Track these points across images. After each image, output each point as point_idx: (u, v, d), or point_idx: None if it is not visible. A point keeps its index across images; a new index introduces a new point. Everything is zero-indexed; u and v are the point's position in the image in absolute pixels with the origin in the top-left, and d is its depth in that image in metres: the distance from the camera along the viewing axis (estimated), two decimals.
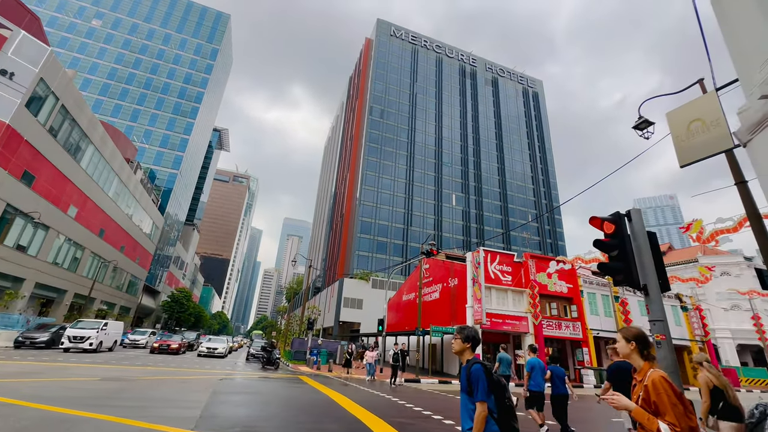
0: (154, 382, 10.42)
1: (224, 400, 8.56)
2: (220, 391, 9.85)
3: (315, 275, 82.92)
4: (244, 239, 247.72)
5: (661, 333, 3.75)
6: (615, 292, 28.82)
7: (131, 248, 47.38)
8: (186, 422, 5.95)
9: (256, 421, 6.63)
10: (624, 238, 4.06)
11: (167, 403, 7.41)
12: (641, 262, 3.96)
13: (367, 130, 69.10)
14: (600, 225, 4.25)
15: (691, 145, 4.85)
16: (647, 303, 3.92)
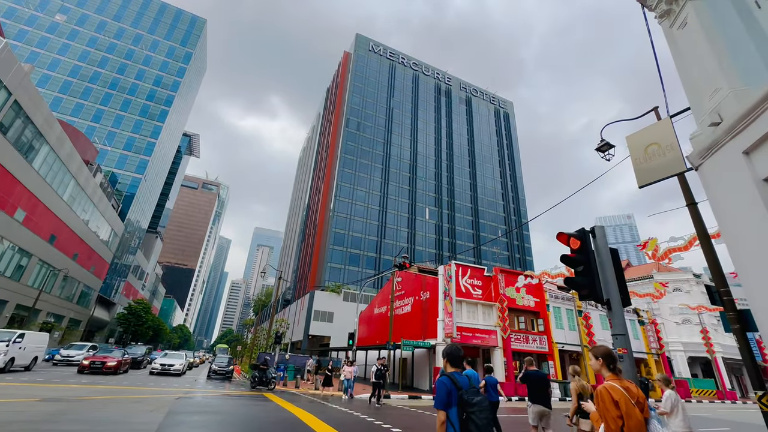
0: (101, 402, 9.57)
1: (180, 421, 7.98)
2: (177, 411, 9.19)
3: (285, 287, 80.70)
4: (211, 249, 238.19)
5: (623, 347, 3.86)
6: (579, 307, 29.91)
7: (85, 256, 44.27)
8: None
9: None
10: (589, 254, 4.19)
11: (115, 426, 6.79)
12: (604, 277, 4.09)
13: (343, 141, 69.19)
14: (567, 241, 4.38)
15: (648, 167, 5.14)
16: (609, 317, 4.03)
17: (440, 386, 2.99)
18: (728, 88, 3.36)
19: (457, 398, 2.94)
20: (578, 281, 4.19)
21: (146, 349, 31.18)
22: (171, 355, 24.36)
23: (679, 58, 4.49)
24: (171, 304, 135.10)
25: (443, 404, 2.93)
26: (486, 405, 2.93)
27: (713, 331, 38.18)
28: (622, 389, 2.78)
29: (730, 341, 39.60)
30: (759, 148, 3.20)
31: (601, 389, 2.79)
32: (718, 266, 7.19)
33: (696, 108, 3.96)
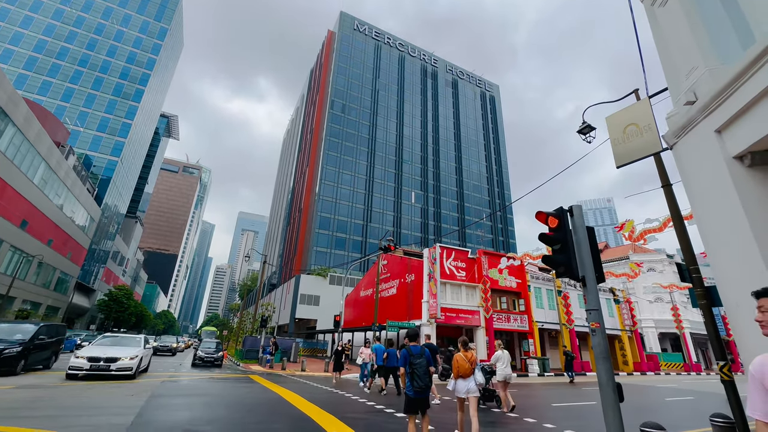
0: (80, 388, 9.43)
1: (163, 404, 7.95)
2: (160, 395, 9.14)
3: (270, 271, 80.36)
4: (194, 234, 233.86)
5: (596, 321, 3.98)
6: (558, 287, 30.88)
7: (61, 242, 42.78)
8: (114, 430, 5.41)
9: (196, 424, 6.20)
10: (566, 232, 4.25)
11: (94, 411, 6.71)
12: (580, 255, 4.17)
13: (327, 124, 67.97)
14: (545, 219, 4.43)
15: (626, 148, 5.21)
16: (584, 293, 4.14)
17: (402, 354, 5.54)
18: (704, 66, 3.39)
19: (407, 359, 5.39)
20: (555, 259, 4.26)
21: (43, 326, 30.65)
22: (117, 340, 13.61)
23: (659, 37, 4.49)
24: (154, 290, 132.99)
25: (404, 363, 5.45)
26: (423, 363, 5.32)
27: (683, 309, 40.18)
28: (462, 356, 6.20)
29: (697, 318, 41.80)
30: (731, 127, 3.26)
31: (455, 356, 6.30)
32: (689, 246, 7.46)
33: (673, 87, 4.00)
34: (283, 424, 6.53)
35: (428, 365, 5.30)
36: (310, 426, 6.51)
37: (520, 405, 10.55)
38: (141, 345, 13.14)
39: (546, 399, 12.49)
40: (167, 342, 30.75)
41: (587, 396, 13.74)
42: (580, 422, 8.05)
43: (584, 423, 8.06)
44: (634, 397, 14.06)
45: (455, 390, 6.18)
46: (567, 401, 11.91)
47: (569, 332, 29.24)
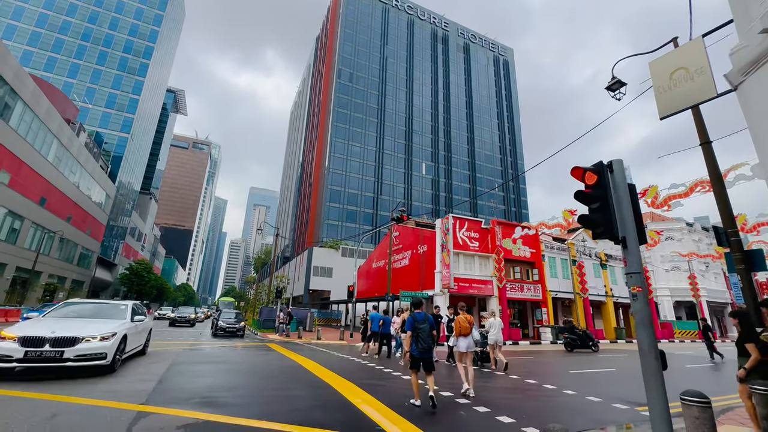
0: None
1: (184, 371, 8.10)
2: (181, 362, 9.35)
3: (283, 245, 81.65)
4: (207, 209, 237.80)
5: (638, 285, 3.66)
6: (573, 256, 30.49)
7: (80, 219, 43.81)
8: (137, 396, 5.47)
9: (217, 390, 6.26)
10: (606, 189, 3.85)
11: (118, 377, 6.83)
12: (621, 214, 3.79)
13: (335, 94, 66.26)
14: (581, 176, 4.02)
15: (672, 96, 4.66)
16: (625, 256, 3.79)
17: (408, 319, 6.15)
18: None
19: (413, 324, 6.02)
20: (593, 218, 3.89)
21: None
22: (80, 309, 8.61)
23: None
24: (172, 264, 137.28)
25: (409, 328, 6.05)
26: (426, 327, 6.01)
27: (700, 277, 39.50)
28: (463, 318, 7.36)
29: (714, 286, 41.16)
30: None
31: (457, 318, 7.48)
32: (729, 208, 6.96)
33: (741, 17, 3.42)
34: (302, 391, 6.55)
35: (431, 330, 6.06)
36: (328, 393, 6.52)
37: (538, 372, 10.52)
38: (125, 316, 8.42)
39: (562, 366, 12.46)
40: (185, 313, 29.34)
41: (603, 363, 13.69)
42: (599, 389, 7.93)
43: (604, 389, 7.93)
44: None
45: (458, 346, 7.49)
46: (584, 368, 11.85)
47: (583, 301, 29.13)
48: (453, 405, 5.98)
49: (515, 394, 7.20)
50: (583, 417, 5.62)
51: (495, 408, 5.78)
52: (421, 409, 5.60)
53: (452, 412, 5.51)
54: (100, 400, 5.07)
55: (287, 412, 5.10)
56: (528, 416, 5.40)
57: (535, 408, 6.08)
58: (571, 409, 6.06)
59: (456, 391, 7.00)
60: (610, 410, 6.10)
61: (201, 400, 5.48)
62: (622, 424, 5.31)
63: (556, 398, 6.86)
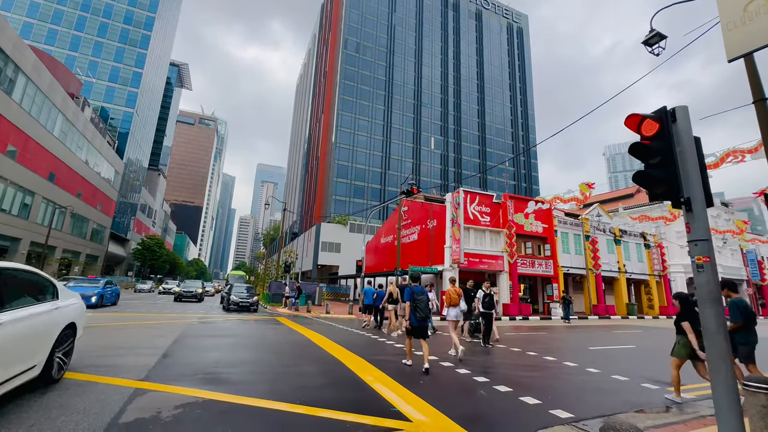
0: (113, 329, 9.59)
1: (190, 345, 7.89)
2: (188, 335, 9.18)
3: (291, 221, 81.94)
4: (216, 186, 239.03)
5: (705, 255, 3.08)
6: (587, 232, 29.73)
7: (90, 194, 44.05)
8: (138, 371, 5.19)
9: (222, 366, 5.98)
10: (669, 140, 3.21)
11: (121, 351, 6.62)
12: (685, 170, 3.17)
13: (342, 66, 64.13)
14: (637, 125, 3.37)
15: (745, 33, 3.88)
16: (688, 220, 3.20)
17: (407, 291, 6.62)
18: None
19: (411, 296, 6.47)
20: (653, 175, 3.27)
21: None
22: None
23: None
24: (183, 239, 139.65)
25: (408, 299, 6.49)
26: (424, 299, 6.50)
27: (717, 254, 38.54)
28: (452, 289, 8.46)
29: (730, 262, 40.20)
30: None
31: (447, 290, 8.59)
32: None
33: None
34: (311, 367, 6.25)
35: (428, 301, 6.71)
36: (339, 369, 6.21)
37: (556, 348, 10.18)
38: None
39: (579, 342, 12.10)
40: (191, 287, 27.01)
41: (621, 339, 13.31)
42: (623, 367, 7.52)
43: (628, 367, 7.52)
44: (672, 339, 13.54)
45: (448, 315, 8.54)
46: (602, 344, 11.49)
47: (595, 277, 28.62)
48: (472, 384, 5.61)
49: (536, 372, 6.83)
50: (614, 398, 5.21)
51: (517, 387, 5.40)
52: (433, 384, 5.25)
53: (472, 392, 5.14)
54: (96, 376, 4.79)
55: (296, 390, 4.77)
56: (554, 397, 5.01)
57: (560, 388, 5.69)
58: (599, 390, 5.66)
59: (474, 368, 6.65)
60: (640, 391, 5.68)
61: (205, 377, 5.18)
62: (662, 407, 4.88)
63: (580, 377, 6.47)
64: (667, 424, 4.19)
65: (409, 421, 3.84)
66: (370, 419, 3.82)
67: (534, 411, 4.42)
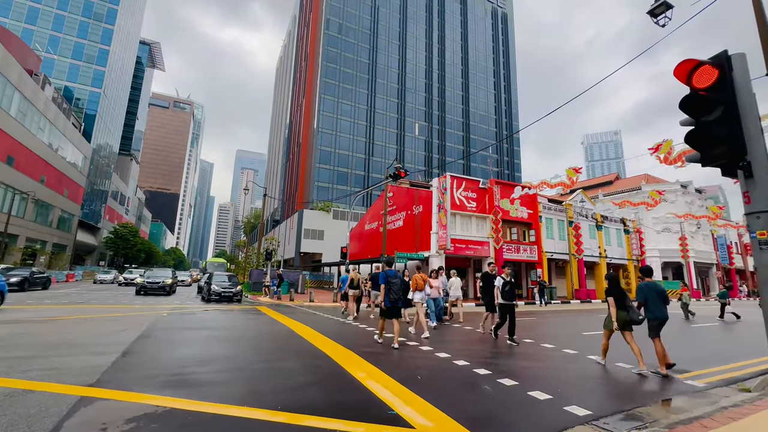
0: (69, 323, 8.64)
1: (157, 340, 7.09)
2: (158, 328, 8.36)
3: (273, 208, 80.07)
4: (193, 172, 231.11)
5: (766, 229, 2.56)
6: (570, 218, 29.96)
7: (55, 180, 41.29)
8: (88, 374, 4.42)
9: (192, 365, 5.26)
10: (732, 91, 2.64)
11: (73, 350, 5.79)
12: (746, 128, 2.62)
13: (323, 48, 61.91)
14: (688, 74, 2.78)
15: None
16: (748, 188, 2.67)
17: (381, 275, 7.35)
18: None
19: (386, 279, 7.06)
20: (712, 133, 2.71)
21: None
22: None
23: None
24: (160, 228, 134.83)
25: (383, 282, 7.10)
26: (398, 282, 7.09)
27: (690, 239, 39.91)
28: (419, 276, 9.08)
29: (702, 247, 41.70)
30: None
31: (414, 276, 9.16)
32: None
33: None
34: (295, 362, 5.61)
35: (401, 285, 7.16)
36: (326, 364, 5.59)
37: (550, 335, 9.92)
38: None
39: (571, 328, 11.93)
40: (158, 277, 20.62)
41: None
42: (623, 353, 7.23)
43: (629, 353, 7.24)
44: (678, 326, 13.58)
45: (414, 298, 9.05)
46: (595, 329, 11.34)
47: (577, 262, 29.00)
48: (473, 377, 5.12)
49: (537, 361, 6.43)
50: (623, 389, 4.83)
51: (522, 380, 4.94)
52: (432, 379, 4.73)
53: (475, 387, 4.63)
54: (34, 382, 4.00)
55: (277, 391, 4.13)
56: (563, 390, 4.56)
57: (566, 379, 5.27)
58: (606, 380, 5.28)
59: (472, 360, 6.17)
60: (651, 380, 5.33)
61: (170, 378, 4.46)
62: (685, 395, 4.50)
63: (583, 365, 6.10)
64: (693, 419, 3.80)
65: (412, 428, 3.27)
66: (365, 427, 3.23)
67: (547, 408, 3.95)
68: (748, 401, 4.35)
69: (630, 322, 5.88)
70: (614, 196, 43.98)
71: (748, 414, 3.90)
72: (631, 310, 5.96)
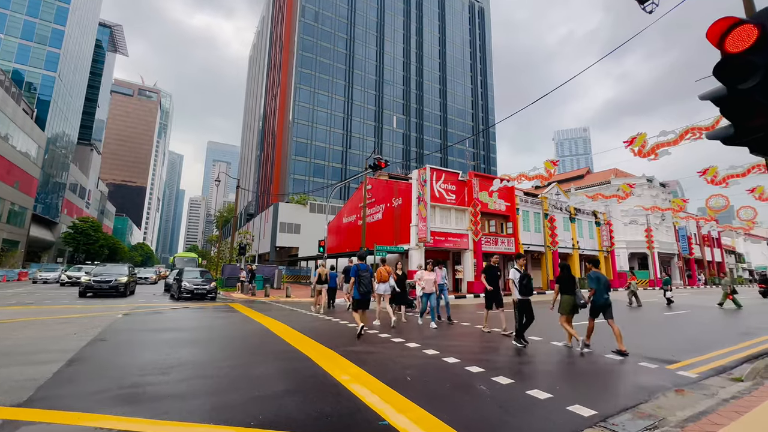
0: (8, 328, 7.65)
1: (113, 344, 6.32)
2: (115, 330, 7.55)
3: (247, 201, 77.62)
4: (161, 164, 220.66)
5: None
6: (545, 210, 30.53)
7: (3, 170, 37.96)
8: (20, 389, 3.72)
9: (152, 373, 4.62)
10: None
11: (7, 359, 4.99)
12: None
13: (299, 36, 59.98)
14: (721, 36, 2.45)
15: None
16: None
17: (353, 268, 7.77)
18: None
19: (357, 272, 7.61)
20: (754, 101, 2.39)
21: None
22: None
23: None
24: (125, 222, 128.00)
25: (354, 275, 7.70)
26: (368, 275, 7.66)
27: (655, 230, 41.86)
28: (383, 268, 9.59)
29: (665, 238, 43.81)
30: None
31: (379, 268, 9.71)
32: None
33: None
34: (270, 366, 5.07)
35: (371, 277, 7.72)
36: (305, 367, 5.09)
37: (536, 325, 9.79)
38: None
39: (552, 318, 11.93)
40: (110, 275, 16.56)
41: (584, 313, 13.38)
42: (610, 343, 7.15)
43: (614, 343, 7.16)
44: (634, 313, 13.91)
45: (377, 289, 9.42)
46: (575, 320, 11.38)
47: (552, 254, 29.64)
48: (466, 376, 4.77)
49: (529, 356, 6.19)
50: (624, 384, 4.62)
51: (518, 377, 4.64)
52: (422, 380, 4.35)
53: (470, 387, 4.28)
54: None
55: (250, 402, 3.60)
56: (562, 388, 4.30)
57: (562, 374, 5.03)
58: (602, 374, 5.07)
59: (462, 356, 5.85)
60: (642, 371, 5.18)
61: (122, 392, 3.83)
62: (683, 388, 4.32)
63: (575, 359, 5.91)
64: (700, 414, 3.59)
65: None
66: None
67: (549, 408, 3.65)
68: (746, 392, 4.25)
69: (575, 306, 6.62)
70: (586, 190, 45.35)
71: (750, 406, 3.75)
72: (577, 296, 6.62)
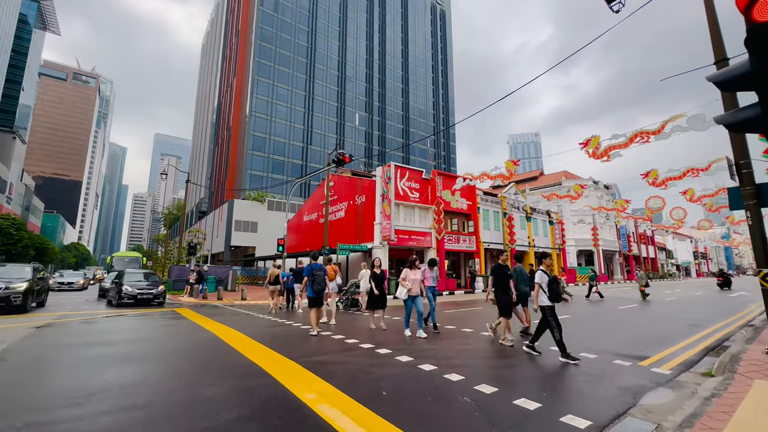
0: None
1: (15, 365, 5.16)
2: (24, 347, 6.28)
3: (199, 198, 72.98)
4: (100, 157, 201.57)
5: None
6: (504, 209, 31.49)
7: None
8: None
9: (64, 404, 3.67)
10: None
11: None
12: None
13: (257, 25, 57.28)
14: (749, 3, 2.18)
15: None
16: None
17: (307, 268, 8.06)
18: None
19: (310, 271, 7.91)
20: None
21: None
22: None
23: None
24: (56, 220, 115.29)
25: (307, 274, 7.95)
26: (322, 275, 7.99)
27: (600, 229, 44.92)
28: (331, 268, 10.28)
29: (608, 236, 47.15)
30: None
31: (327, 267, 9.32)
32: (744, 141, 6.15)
33: None
34: (222, 386, 4.30)
35: (324, 276, 7.98)
36: (262, 384, 4.38)
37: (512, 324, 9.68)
38: None
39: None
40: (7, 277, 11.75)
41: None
42: (581, 341, 7.12)
43: (585, 341, 7.15)
44: (593, 307, 14.43)
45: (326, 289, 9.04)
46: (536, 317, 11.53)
47: (510, 252, 30.62)
48: (446, 386, 4.34)
49: (507, 359, 5.92)
50: (607, 386, 4.43)
51: (501, 385, 4.30)
52: (399, 393, 3.86)
53: (452, 399, 3.85)
54: None
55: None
56: (549, 395, 4.01)
57: (546, 380, 4.76)
58: (585, 376, 4.88)
59: (438, 362, 5.44)
60: (619, 370, 5.08)
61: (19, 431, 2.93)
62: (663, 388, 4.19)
63: (553, 360, 5.71)
64: (691, 417, 3.43)
65: None
66: None
67: (543, 421, 3.30)
68: (722, 388, 4.23)
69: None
70: (540, 190, 47.56)
71: (734, 404, 3.69)
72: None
